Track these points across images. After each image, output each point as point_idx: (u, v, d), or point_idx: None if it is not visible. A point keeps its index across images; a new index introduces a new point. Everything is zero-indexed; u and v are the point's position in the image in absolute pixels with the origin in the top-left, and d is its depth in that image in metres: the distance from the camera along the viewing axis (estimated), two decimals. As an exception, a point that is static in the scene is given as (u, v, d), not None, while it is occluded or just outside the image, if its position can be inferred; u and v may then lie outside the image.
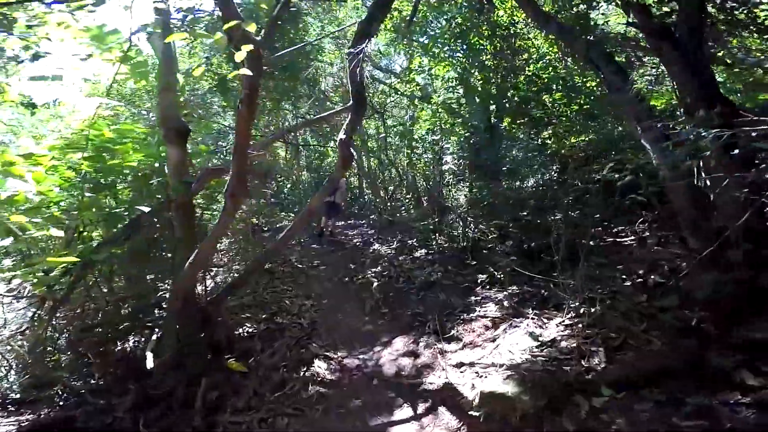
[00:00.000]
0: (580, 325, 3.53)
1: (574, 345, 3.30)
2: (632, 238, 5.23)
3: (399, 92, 9.91)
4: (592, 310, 3.64)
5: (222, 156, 7.19)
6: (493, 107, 7.76)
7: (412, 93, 9.22)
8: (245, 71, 2.13)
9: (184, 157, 3.53)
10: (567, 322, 3.65)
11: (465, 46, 6.15)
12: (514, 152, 7.39)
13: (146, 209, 3.51)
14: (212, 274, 7.37)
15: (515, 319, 3.84)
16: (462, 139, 8.13)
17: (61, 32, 4.06)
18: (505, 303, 4.12)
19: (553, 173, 7.68)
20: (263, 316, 5.25)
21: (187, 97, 7.04)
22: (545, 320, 3.74)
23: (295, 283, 6.67)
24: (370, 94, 9.29)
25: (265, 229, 10.83)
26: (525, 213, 6.78)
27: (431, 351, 3.85)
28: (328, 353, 4.25)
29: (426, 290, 4.99)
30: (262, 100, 9.35)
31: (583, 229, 4.48)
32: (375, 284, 5.81)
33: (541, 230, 5.40)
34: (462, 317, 4.09)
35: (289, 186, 13.11)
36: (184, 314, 3.92)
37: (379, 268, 6.71)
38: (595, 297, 3.66)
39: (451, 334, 3.96)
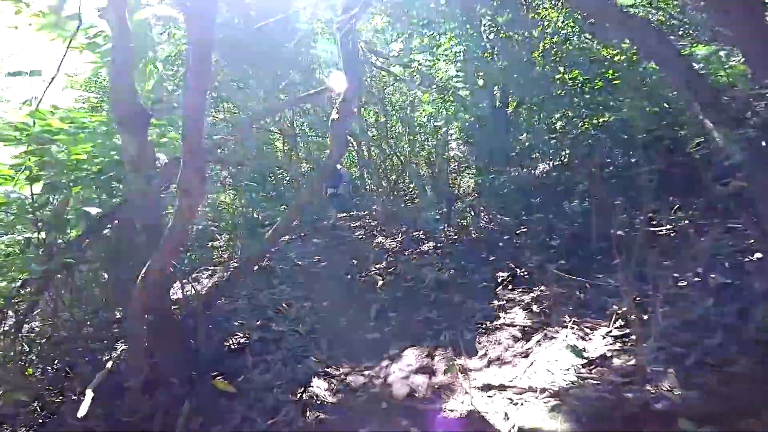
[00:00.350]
0: (634, 337, 2.78)
1: (633, 363, 2.56)
2: (669, 227, 4.45)
3: (398, 77, 9.07)
4: (646, 317, 2.89)
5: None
6: (498, 87, 6.97)
7: (411, 76, 8.39)
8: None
9: (144, 147, 2.76)
10: (615, 332, 2.90)
11: (471, 18, 5.31)
12: (526, 135, 6.60)
13: (95, 210, 2.75)
14: (209, 273, 6.69)
15: (549, 328, 3.09)
16: (467, 124, 7.35)
17: (12, 18, 3.36)
18: (534, 307, 3.37)
19: (563, 158, 6.92)
20: (257, 323, 4.52)
21: (165, 84, 6.21)
22: (587, 330, 2.99)
23: (295, 283, 5.92)
24: (368, 80, 8.44)
25: (266, 223, 10.12)
26: (538, 201, 6.04)
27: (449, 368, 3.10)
28: (329, 369, 3.51)
29: (438, 290, 4.24)
30: (253, 90, 8.54)
31: (621, 218, 3.73)
32: (380, 283, 5.07)
33: (568, 220, 4.64)
34: (484, 325, 3.33)
35: (288, 178, 12.30)
36: (157, 328, 3.21)
37: (383, 263, 5.96)
38: (649, 301, 2.91)
39: (473, 346, 3.21)
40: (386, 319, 4.10)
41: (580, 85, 4.81)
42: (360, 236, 8.65)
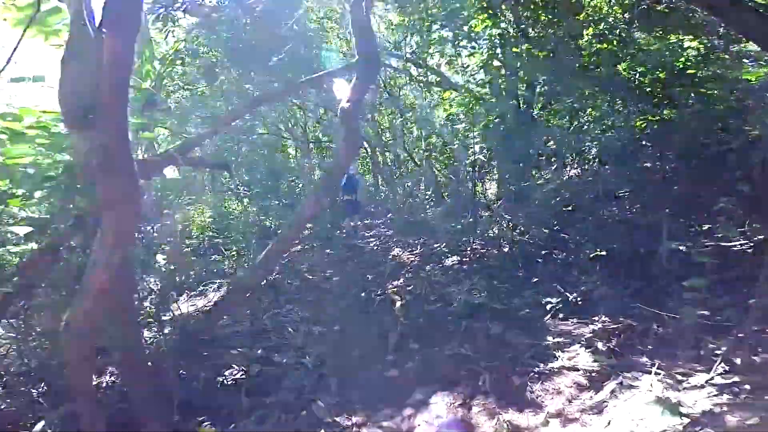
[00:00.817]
0: (748, 387, 2.04)
1: (755, 422, 1.82)
2: (744, 242, 3.66)
3: (413, 78, 8.46)
4: (757, 359, 2.14)
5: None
6: (523, 84, 6.28)
7: (426, 75, 7.78)
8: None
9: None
10: (719, 380, 2.16)
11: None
12: (558, 136, 5.89)
13: (23, 230, 2.15)
14: (214, 287, 6.11)
15: (624, 374, 2.35)
16: (491, 126, 6.67)
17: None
18: (599, 345, 2.63)
19: (598, 159, 6.17)
20: (259, 352, 3.88)
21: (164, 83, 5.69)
22: (679, 377, 2.24)
23: (303, 302, 5.28)
24: (381, 80, 7.84)
25: (279, 232, 9.55)
26: (570, 208, 5.30)
27: (494, 424, 2.38)
28: (338, 418, 2.82)
29: (469, 317, 3.50)
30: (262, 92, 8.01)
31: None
32: (398, 304, 4.37)
33: (620, 231, 3.88)
34: (537, 368, 2.60)
35: (301, 185, 11.75)
36: (127, 365, 2.58)
37: (401, 280, 5.26)
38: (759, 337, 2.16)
39: (523, 395, 2.48)
40: (407, 351, 3.39)
41: (637, 77, 4.05)
42: (375, 247, 7.98)
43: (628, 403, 2.19)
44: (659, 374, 2.28)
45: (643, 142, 4.30)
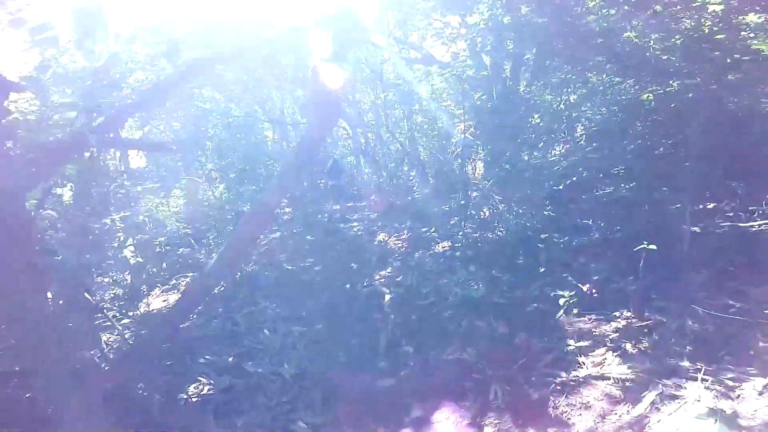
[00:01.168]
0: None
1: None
2: (762, 222, 3.33)
3: (394, 55, 7.86)
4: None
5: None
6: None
7: (408, 51, 7.21)
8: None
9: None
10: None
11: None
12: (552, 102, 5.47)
13: None
14: (187, 280, 5.52)
15: (664, 381, 1.96)
16: (479, 103, 6.20)
17: None
18: (628, 346, 2.22)
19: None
20: (230, 360, 3.37)
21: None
22: (729, 382, 1.86)
23: (282, 297, 4.75)
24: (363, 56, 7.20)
25: (243, 219, 8.92)
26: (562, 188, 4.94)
27: (511, 448, 1.96)
28: (323, 441, 2.37)
29: (469, 314, 3.05)
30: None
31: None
32: (387, 297, 3.91)
33: (626, 213, 3.49)
34: (558, 377, 2.17)
35: (278, 168, 11.07)
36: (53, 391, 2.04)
37: (389, 269, 4.79)
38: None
39: (545, 410, 2.06)
40: (401, 355, 2.94)
41: (651, 44, 3.56)
42: (359, 232, 7.49)
43: (673, 417, 1.80)
44: (706, 380, 1.89)
45: (652, 117, 3.88)
